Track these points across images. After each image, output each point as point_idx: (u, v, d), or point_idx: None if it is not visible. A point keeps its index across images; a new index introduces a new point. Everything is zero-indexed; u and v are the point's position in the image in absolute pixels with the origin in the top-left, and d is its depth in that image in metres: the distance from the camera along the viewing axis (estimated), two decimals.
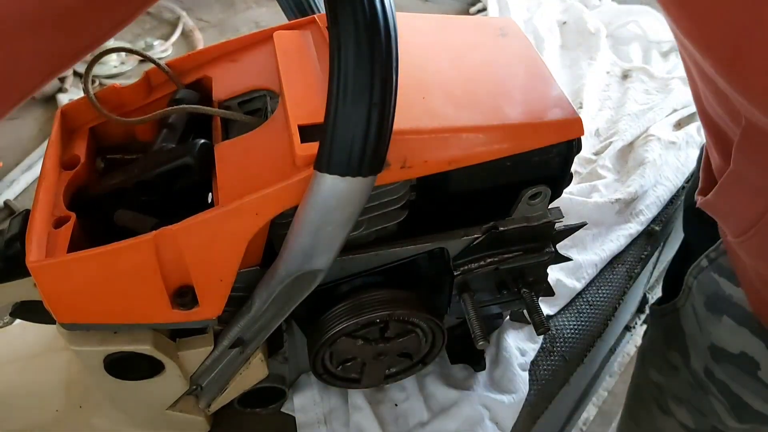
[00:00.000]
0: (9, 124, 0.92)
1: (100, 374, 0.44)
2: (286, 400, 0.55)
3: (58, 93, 0.95)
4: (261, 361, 0.49)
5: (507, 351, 0.58)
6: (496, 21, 0.49)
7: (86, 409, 0.52)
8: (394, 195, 0.41)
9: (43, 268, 0.37)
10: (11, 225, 0.42)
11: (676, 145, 0.79)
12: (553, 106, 0.41)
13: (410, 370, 0.52)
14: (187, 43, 1.08)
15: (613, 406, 1.37)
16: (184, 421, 0.50)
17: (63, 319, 0.40)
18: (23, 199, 0.81)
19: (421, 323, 0.47)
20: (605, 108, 0.87)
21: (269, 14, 1.15)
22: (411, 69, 0.41)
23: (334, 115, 0.31)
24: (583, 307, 0.66)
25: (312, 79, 0.42)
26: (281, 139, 0.39)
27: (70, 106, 0.47)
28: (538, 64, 0.45)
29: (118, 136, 0.49)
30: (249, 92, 0.47)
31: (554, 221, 0.46)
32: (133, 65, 1.01)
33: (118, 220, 0.42)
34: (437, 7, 1.16)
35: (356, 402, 0.53)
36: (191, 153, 0.41)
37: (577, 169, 0.78)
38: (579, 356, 0.63)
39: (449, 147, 0.38)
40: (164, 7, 1.16)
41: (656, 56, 0.97)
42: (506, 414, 0.55)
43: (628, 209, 0.72)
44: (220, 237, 0.37)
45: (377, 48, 0.30)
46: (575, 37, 1.00)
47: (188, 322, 0.41)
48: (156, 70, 0.48)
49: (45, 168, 0.42)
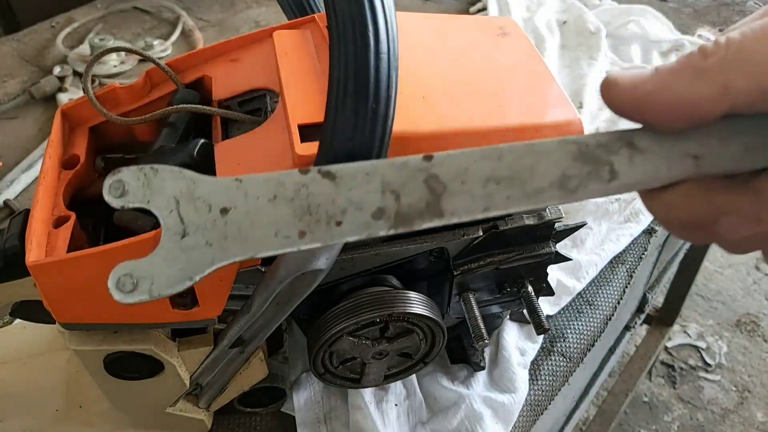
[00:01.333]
0: (9, 123, 0.92)
1: (100, 374, 0.44)
2: (286, 400, 0.55)
3: (58, 92, 0.95)
4: (261, 361, 0.49)
5: (507, 350, 0.58)
6: (497, 20, 0.49)
7: (86, 409, 0.52)
8: None
9: (43, 267, 0.37)
10: (11, 225, 0.42)
11: None
12: (553, 106, 0.41)
13: (410, 370, 0.52)
14: (187, 42, 1.08)
15: (613, 406, 1.38)
16: (184, 421, 0.50)
17: (63, 318, 0.40)
18: (23, 199, 0.81)
19: (421, 323, 0.47)
20: (605, 108, 0.86)
21: (269, 14, 1.15)
22: (411, 69, 0.41)
23: (334, 115, 0.31)
24: (583, 307, 0.66)
25: (312, 78, 0.42)
26: (281, 138, 0.39)
27: (70, 105, 0.47)
28: (538, 64, 0.45)
29: (118, 136, 0.49)
30: (249, 92, 0.47)
31: (554, 221, 0.46)
32: (133, 65, 1.01)
33: (117, 219, 0.42)
34: (437, 6, 1.16)
35: (356, 402, 0.53)
36: (191, 153, 0.41)
37: None
38: (579, 356, 0.63)
39: (449, 147, 0.38)
40: (164, 7, 1.16)
41: (656, 56, 0.97)
42: (506, 413, 0.55)
43: (628, 209, 0.72)
44: None
45: (377, 47, 0.30)
46: (575, 36, 1.00)
47: (188, 321, 0.41)
48: (156, 69, 0.48)
49: (45, 168, 0.42)
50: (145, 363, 0.43)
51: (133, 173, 0.26)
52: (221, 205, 0.26)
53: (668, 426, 1.51)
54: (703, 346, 1.66)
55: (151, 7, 1.17)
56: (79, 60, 1.00)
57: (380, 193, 0.26)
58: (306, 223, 0.26)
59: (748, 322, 1.70)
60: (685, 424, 1.51)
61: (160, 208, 0.26)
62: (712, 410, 1.53)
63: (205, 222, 0.26)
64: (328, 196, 0.26)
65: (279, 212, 0.26)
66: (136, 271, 0.25)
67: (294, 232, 0.26)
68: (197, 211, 0.26)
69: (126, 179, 0.25)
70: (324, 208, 0.26)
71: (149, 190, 0.26)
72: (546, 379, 0.59)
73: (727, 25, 1.05)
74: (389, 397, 0.54)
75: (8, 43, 1.08)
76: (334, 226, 0.26)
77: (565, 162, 0.27)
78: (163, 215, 0.26)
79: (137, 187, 0.26)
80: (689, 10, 1.09)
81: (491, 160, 0.27)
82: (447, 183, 0.27)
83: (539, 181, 0.27)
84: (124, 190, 0.25)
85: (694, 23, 1.05)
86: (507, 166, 0.27)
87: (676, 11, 1.09)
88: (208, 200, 0.26)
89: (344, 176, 0.26)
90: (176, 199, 0.26)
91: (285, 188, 0.26)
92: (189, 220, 0.26)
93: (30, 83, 0.96)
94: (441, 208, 0.26)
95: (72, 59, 1.01)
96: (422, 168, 0.27)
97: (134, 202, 0.25)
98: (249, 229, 0.26)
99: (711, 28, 1.04)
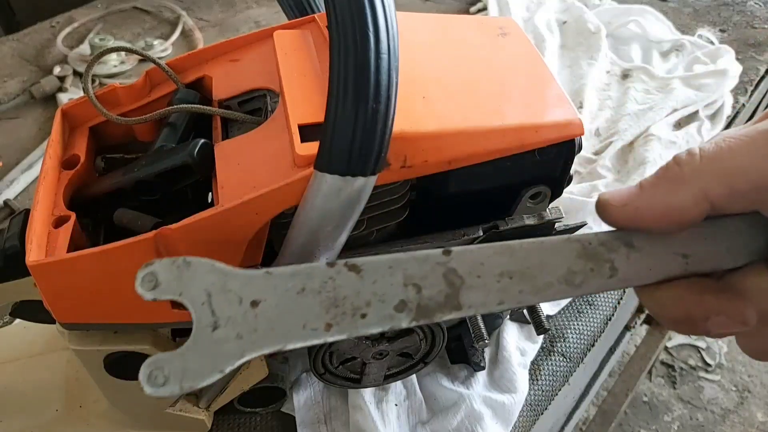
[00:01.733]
0: (9, 123, 0.92)
1: (100, 374, 0.44)
2: (286, 400, 0.55)
3: (58, 92, 0.95)
4: (261, 360, 0.49)
5: (507, 350, 0.58)
6: (497, 21, 0.49)
7: (86, 409, 0.52)
8: (394, 195, 0.41)
9: (42, 267, 0.37)
10: (11, 225, 0.42)
11: (676, 144, 0.79)
12: (553, 106, 0.41)
13: (410, 370, 0.52)
14: (187, 42, 1.08)
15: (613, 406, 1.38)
16: (184, 421, 0.50)
17: (63, 318, 0.40)
18: (23, 199, 0.81)
19: None
20: (605, 108, 0.87)
21: (269, 14, 1.15)
22: (411, 68, 0.41)
23: (334, 115, 0.31)
24: (583, 307, 0.66)
25: (312, 78, 0.42)
26: (281, 138, 0.39)
27: (70, 105, 0.47)
28: (538, 64, 0.45)
29: (118, 136, 0.49)
30: (249, 92, 0.47)
31: (554, 221, 0.46)
32: (133, 65, 1.01)
33: (117, 219, 0.42)
34: (437, 6, 1.16)
35: (356, 402, 0.53)
36: (191, 152, 0.41)
37: (577, 168, 0.78)
38: (579, 356, 0.63)
39: (449, 147, 0.38)
40: (164, 7, 1.16)
41: (656, 56, 0.97)
42: (506, 414, 0.55)
43: None
44: (219, 236, 0.37)
45: (377, 47, 0.30)
46: (575, 36, 1.00)
47: (188, 322, 0.41)
48: (156, 69, 0.48)
49: (45, 167, 0.42)
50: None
51: (165, 266, 0.26)
52: (252, 298, 0.27)
53: (668, 426, 1.51)
54: (703, 346, 1.66)
55: (151, 7, 1.17)
56: (79, 60, 1.00)
57: (402, 286, 0.28)
58: (332, 315, 0.27)
59: None
60: (685, 424, 1.51)
61: (193, 301, 0.26)
62: (712, 410, 1.53)
63: (236, 315, 0.26)
64: (353, 288, 0.27)
65: (307, 304, 0.27)
66: (166, 366, 0.25)
67: (321, 325, 0.27)
68: (229, 304, 0.27)
69: (158, 271, 0.26)
70: (350, 300, 0.27)
71: (181, 283, 0.26)
72: (546, 379, 0.59)
73: (727, 25, 1.05)
74: (389, 397, 0.54)
75: (8, 43, 1.08)
76: (359, 318, 0.27)
77: (571, 259, 0.29)
78: (195, 308, 0.26)
79: (169, 279, 0.26)
80: (689, 10, 1.09)
81: (504, 256, 0.29)
82: (465, 277, 0.28)
83: (548, 277, 0.28)
84: (156, 282, 0.26)
85: (694, 23, 1.05)
86: (518, 262, 0.29)
87: (676, 11, 1.09)
88: (239, 293, 0.27)
89: (368, 269, 0.28)
90: (208, 292, 0.27)
91: (312, 281, 0.27)
92: (221, 313, 0.26)
93: (30, 83, 0.96)
94: (459, 301, 0.28)
95: (72, 59, 1.01)
96: (441, 262, 0.28)
97: (167, 294, 0.26)
98: (278, 322, 0.27)
99: (711, 28, 1.04)
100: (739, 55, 0.95)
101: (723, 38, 1.02)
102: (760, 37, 1.02)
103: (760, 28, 1.05)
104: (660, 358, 1.63)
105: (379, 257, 0.28)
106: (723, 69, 0.88)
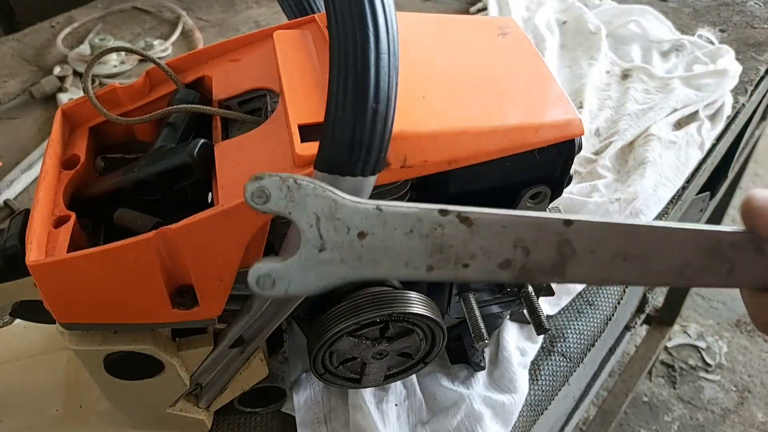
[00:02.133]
0: (9, 123, 0.92)
1: (100, 374, 0.44)
2: (286, 400, 0.55)
3: (58, 92, 0.95)
4: (261, 360, 0.49)
5: (507, 350, 0.58)
6: (497, 21, 0.49)
7: (86, 409, 0.52)
8: (394, 195, 0.41)
9: (43, 267, 0.37)
10: (11, 225, 0.42)
11: (676, 144, 0.79)
12: (553, 106, 0.41)
13: (410, 370, 0.52)
14: (187, 42, 1.08)
15: (613, 406, 1.38)
16: (184, 421, 0.50)
17: (63, 318, 0.40)
18: (23, 199, 0.81)
19: (421, 323, 0.47)
20: (605, 108, 0.87)
21: (269, 14, 1.15)
22: (411, 69, 0.41)
23: (334, 115, 0.31)
24: (583, 307, 0.66)
25: (312, 78, 0.42)
26: (281, 138, 0.39)
27: (70, 105, 0.47)
28: (538, 64, 0.45)
29: (118, 136, 0.49)
30: (249, 92, 0.47)
31: None
32: (133, 65, 1.01)
33: (117, 219, 0.42)
34: (437, 6, 1.16)
35: (356, 402, 0.53)
36: (191, 153, 0.41)
37: (577, 168, 0.78)
38: (579, 356, 0.63)
39: (449, 147, 0.38)
40: (164, 7, 1.16)
41: (656, 56, 0.97)
42: (506, 414, 0.55)
43: (628, 209, 0.72)
44: (220, 236, 0.37)
45: (377, 47, 0.30)
46: (575, 36, 1.00)
47: (188, 321, 0.41)
48: (156, 69, 0.48)
49: (45, 167, 0.42)
50: (145, 363, 0.43)
51: (275, 182, 0.27)
52: (360, 229, 0.28)
53: (668, 426, 1.51)
54: (703, 346, 1.66)
55: (151, 7, 1.17)
56: (79, 60, 1.00)
57: (512, 247, 0.28)
58: (436, 259, 0.28)
59: (748, 322, 1.69)
60: (685, 424, 1.51)
61: (301, 221, 0.28)
62: (712, 410, 1.53)
63: (342, 241, 0.28)
64: (461, 240, 0.28)
65: (413, 245, 0.28)
66: (274, 273, 0.28)
67: (423, 266, 0.28)
68: (336, 231, 0.28)
69: (268, 186, 0.27)
70: (455, 249, 0.28)
71: (292, 203, 0.28)
72: (546, 379, 0.59)
73: (727, 25, 1.05)
74: (389, 397, 0.54)
75: (8, 43, 1.08)
76: (461, 267, 0.28)
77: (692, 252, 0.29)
78: (303, 228, 0.28)
79: (279, 197, 0.27)
80: (689, 10, 1.09)
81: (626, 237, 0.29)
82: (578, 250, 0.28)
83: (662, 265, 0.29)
84: (267, 197, 0.27)
85: (694, 23, 1.05)
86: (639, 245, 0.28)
87: (676, 11, 1.09)
88: (348, 222, 0.28)
89: (481, 224, 0.28)
90: (317, 216, 0.28)
91: (422, 224, 0.28)
92: (328, 237, 0.28)
93: (30, 83, 0.96)
94: (565, 271, 0.28)
95: (72, 59, 1.01)
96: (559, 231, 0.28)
97: (276, 210, 0.27)
98: (382, 255, 0.28)
99: (711, 28, 1.04)
100: (739, 55, 0.95)
101: (723, 38, 1.02)
102: (760, 37, 1.02)
103: (760, 28, 1.05)
104: (660, 358, 1.63)
105: (494, 214, 0.28)
106: (723, 69, 0.88)
